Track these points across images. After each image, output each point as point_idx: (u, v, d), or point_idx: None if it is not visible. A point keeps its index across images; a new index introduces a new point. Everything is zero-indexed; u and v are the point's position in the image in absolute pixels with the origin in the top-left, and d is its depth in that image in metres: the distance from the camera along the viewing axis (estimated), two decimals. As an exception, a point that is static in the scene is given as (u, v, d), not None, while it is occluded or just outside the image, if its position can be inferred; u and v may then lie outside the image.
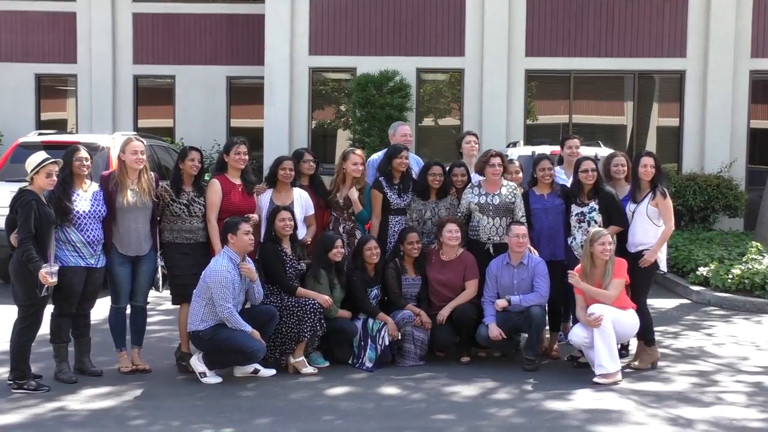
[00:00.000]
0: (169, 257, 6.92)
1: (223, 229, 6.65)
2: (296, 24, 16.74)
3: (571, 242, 7.36)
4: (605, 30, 16.56)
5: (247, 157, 7.10)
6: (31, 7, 18.46)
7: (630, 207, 7.18)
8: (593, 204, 7.27)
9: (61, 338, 6.54)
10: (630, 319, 6.85)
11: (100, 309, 7.10)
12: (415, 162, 8.30)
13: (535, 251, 7.26)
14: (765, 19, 16.36)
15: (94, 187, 6.65)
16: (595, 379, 6.60)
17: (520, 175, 8.04)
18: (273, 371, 6.69)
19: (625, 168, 7.48)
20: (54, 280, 6.00)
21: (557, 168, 7.93)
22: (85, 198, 6.49)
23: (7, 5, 18.45)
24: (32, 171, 6.15)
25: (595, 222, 7.22)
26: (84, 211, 6.43)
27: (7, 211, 6.26)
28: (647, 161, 7.15)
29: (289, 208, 7.09)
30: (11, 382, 6.23)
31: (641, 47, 16.48)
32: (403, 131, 8.62)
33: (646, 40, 16.46)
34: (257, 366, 6.61)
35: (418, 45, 16.71)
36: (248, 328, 6.44)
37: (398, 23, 16.73)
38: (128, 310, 6.91)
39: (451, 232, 7.24)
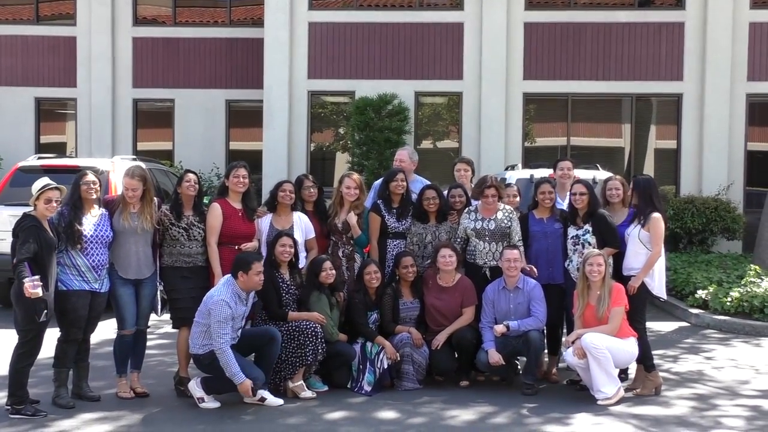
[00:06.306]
0: (168, 281, 6.89)
1: (234, 265, 6.53)
2: (295, 48, 16.86)
3: (568, 265, 7.34)
4: (603, 53, 16.66)
5: (246, 180, 7.10)
6: (31, 31, 18.58)
7: (627, 230, 7.19)
8: (587, 227, 7.28)
9: (64, 364, 6.53)
10: (627, 348, 6.78)
11: (98, 333, 7.09)
12: (421, 185, 8.07)
13: (535, 269, 7.26)
14: (761, 43, 16.48)
15: (101, 211, 6.66)
16: (599, 402, 6.61)
17: (518, 199, 8.03)
18: (281, 401, 6.57)
19: (620, 192, 7.46)
20: (36, 291, 5.86)
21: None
22: (91, 222, 6.50)
23: (8, 29, 18.57)
24: (33, 197, 6.17)
25: (589, 244, 7.21)
26: (90, 235, 6.44)
27: (6, 235, 6.26)
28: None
29: (291, 234, 7.09)
30: (9, 407, 6.21)
31: (639, 70, 16.58)
32: (397, 156, 8.46)
33: (644, 63, 16.56)
34: (264, 394, 6.52)
35: (417, 68, 16.82)
36: (238, 375, 6.30)
37: (396, 47, 16.84)
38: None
39: (445, 258, 7.19)
